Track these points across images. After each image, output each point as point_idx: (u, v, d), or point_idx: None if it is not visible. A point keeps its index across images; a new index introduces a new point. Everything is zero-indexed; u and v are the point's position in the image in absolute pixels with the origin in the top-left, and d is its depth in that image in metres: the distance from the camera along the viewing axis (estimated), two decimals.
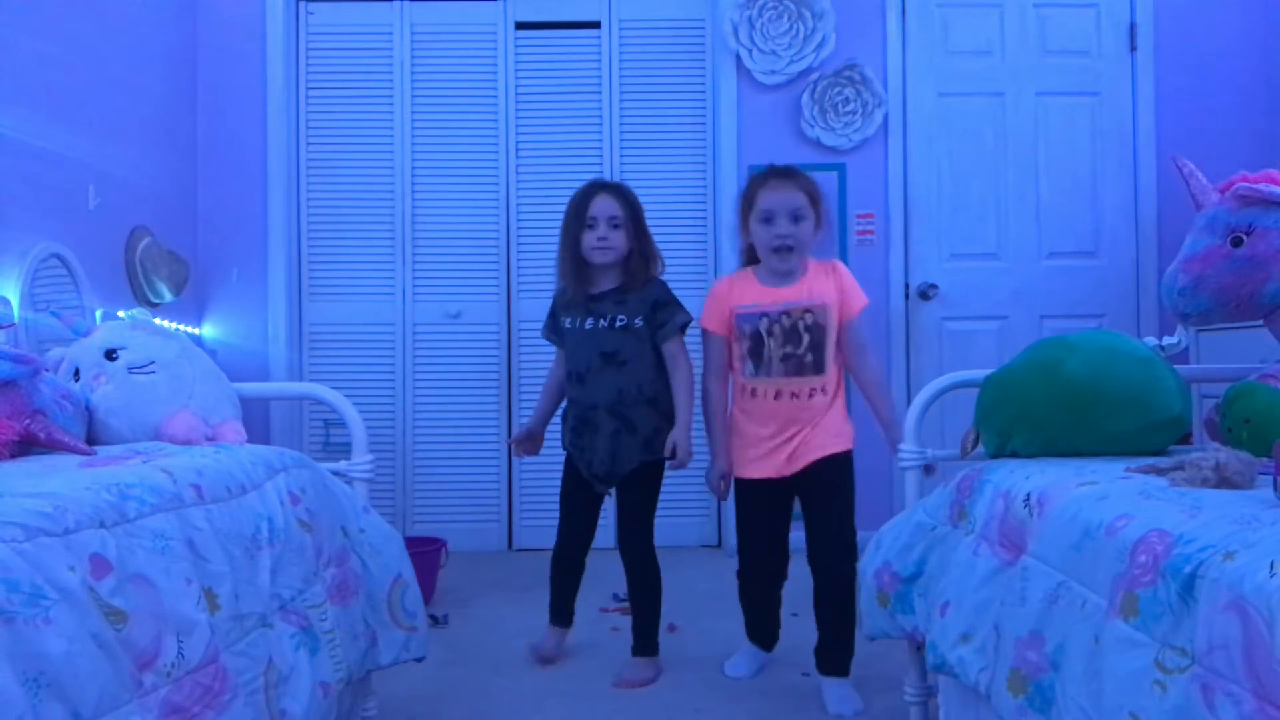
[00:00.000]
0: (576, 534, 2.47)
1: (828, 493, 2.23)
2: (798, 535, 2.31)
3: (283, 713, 1.42)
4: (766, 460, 2.26)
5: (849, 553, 2.22)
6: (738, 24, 3.69)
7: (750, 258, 2.33)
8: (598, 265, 2.34)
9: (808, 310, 2.20)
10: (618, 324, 2.32)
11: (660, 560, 2.43)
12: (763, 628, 2.41)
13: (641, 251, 2.36)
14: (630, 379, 2.32)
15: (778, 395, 2.23)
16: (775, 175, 2.25)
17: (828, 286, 2.23)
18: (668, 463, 2.36)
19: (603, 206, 2.32)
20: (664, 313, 2.33)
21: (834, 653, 2.22)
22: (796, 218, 2.20)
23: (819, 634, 2.25)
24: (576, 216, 2.33)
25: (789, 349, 2.21)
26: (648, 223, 2.43)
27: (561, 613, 2.51)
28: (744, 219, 2.27)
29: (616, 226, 2.32)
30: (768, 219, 2.21)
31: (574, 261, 2.34)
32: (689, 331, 2.40)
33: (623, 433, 2.33)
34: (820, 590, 2.25)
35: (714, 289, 2.37)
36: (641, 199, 3.81)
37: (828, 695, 2.18)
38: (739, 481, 2.33)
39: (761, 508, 2.31)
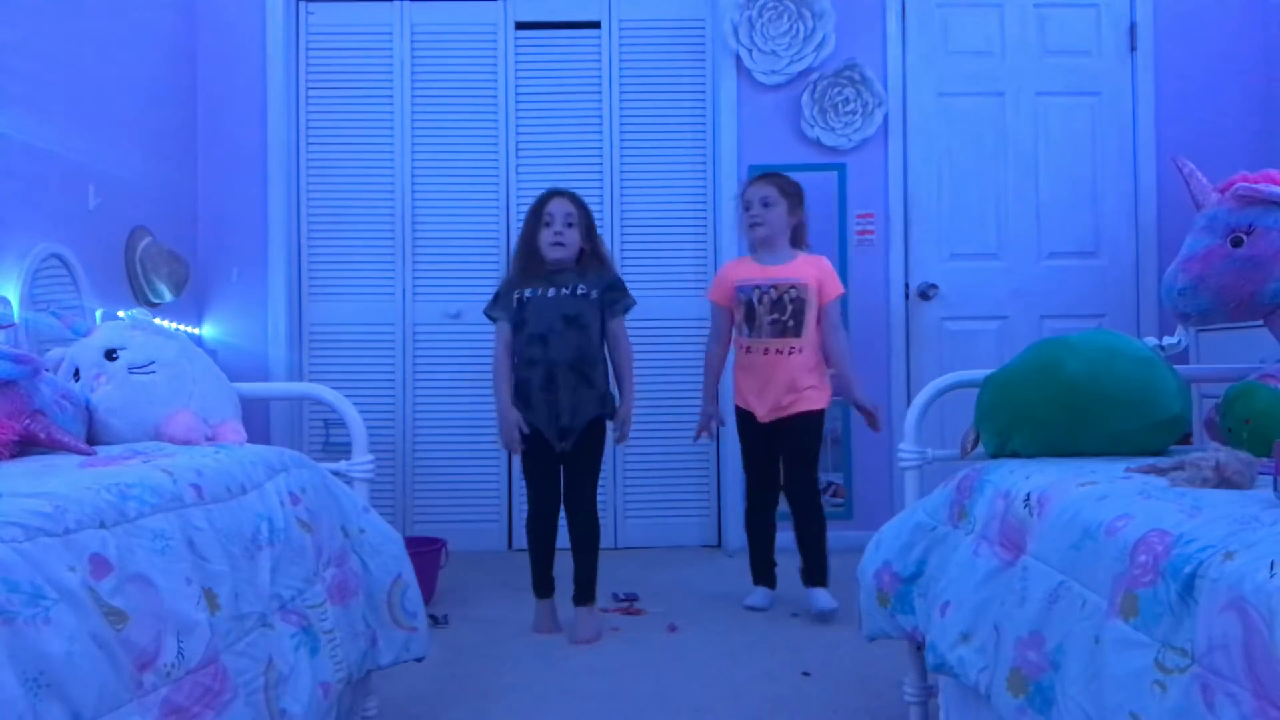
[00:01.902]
0: (547, 496, 2.71)
1: (799, 439, 2.89)
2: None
3: (283, 713, 1.42)
4: (759, 401, 2.90)
5: (815, 485, 2.92)
6: (738, 24, 3.69)
7: (752, 246, 3.03)
8: (552, 262, 2.62)
9: (792, 286, 2.87)
10: (578, 292, 2.62)
11: (660, 560, 2.47)
12: (764, 560, 2.99)
13: (594, 252, 2.67)
14: (587, 340, 2.63)
15: (765, 351, 2.88)
16: (758, 177, 3.01)
17: (811, 272, 2.89)
18: (614, 432, 2.69)
19: (559, 206, 2.61)
20: (616, 293, 2.68)
21: (813, 568, 2.88)
22: (765, 203, 2.91)
23: (801, 556, 2.90)
24: (535, 215, 2.63)
25: (775, 315, 2.87)
26: (649, 228, 2.61)
27: (543, 584, 2.73)
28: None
29: (571, 225, 2.59)
30: (746, 207, 2.97)
31: (528, 257, 2.63)
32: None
33: (581, 387, 2.61)
34: (797, 517, 2.90)
35: (720, 269, 3.12)
36: (641, 199, 3.88)
37: (812, 599, 2.83)
38: (740, 411, 2.97)
39: (758, 437, 2.95)
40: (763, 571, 3.00)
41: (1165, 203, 3.72)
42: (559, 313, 2.60)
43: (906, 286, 3.74)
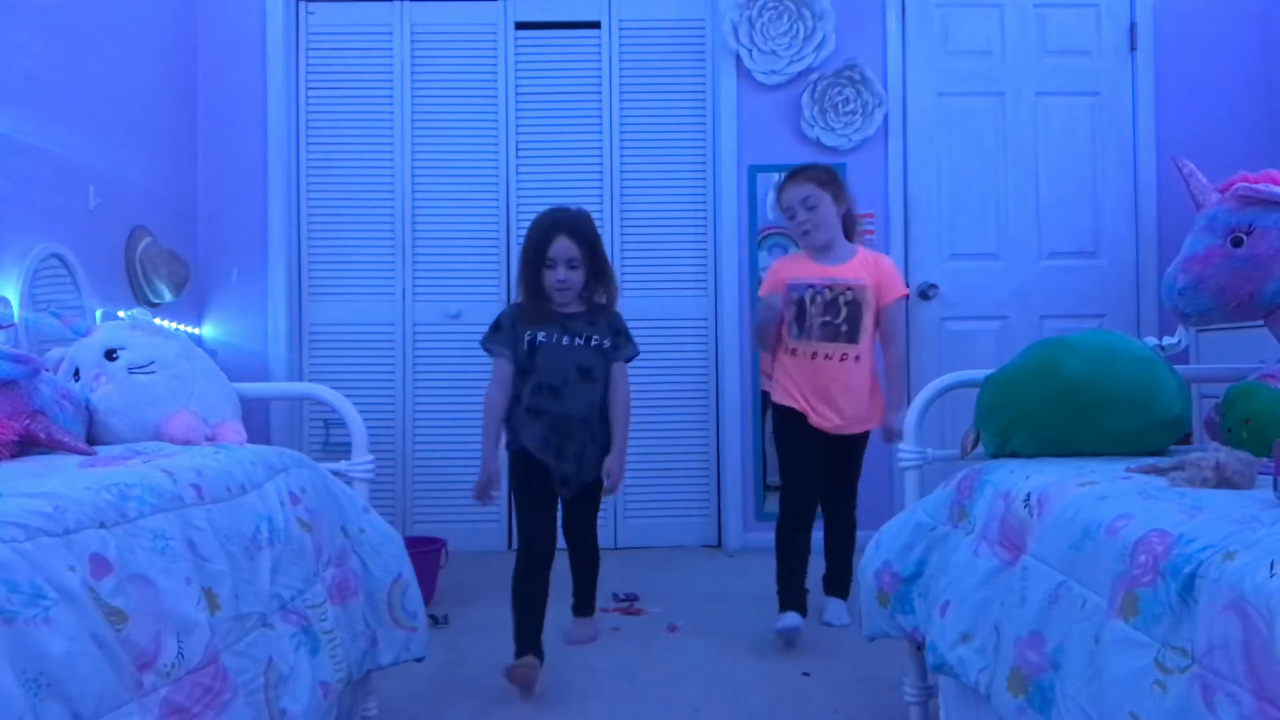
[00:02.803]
0: (544, 530, 2.41)
1: (856, 459, 2.77)
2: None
3: (283, 713, 1.42)
4: (826, 407, 2.65)
5: (855, 501, 2.82)
6: (738, 24, 3.69)
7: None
8: (558, 304, 2.47)
9: (849, 288, 2.62)
10: (593, 343, 2.45)
11: (660, 560, 2.46)
12: (796, 585, 2.63)
13: (600, 278, 2.50)
14: (598, 395, 2.46)
15: (814, 355, 2.63)
16: (789, 176, 2.72)
17: (871, 272, 2.65)
18: (605, 485, 2.50)
19: (561, 250, 2.40)
20: (621, 338, 2.52)
21: (837, 577, 2.82)
22: (810, 206, 2.62)
23: (826, 564, 2.83)
24: (537, 253, 2.42)
25: (827, 318, 2.62)
26: (649, 228, 2.54)
27: (528, 641, 2.29)
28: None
29: (574, 267, 2.41)
30: (790, 215, 2.68)
31: (533, 293, 2.45)
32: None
33: (589, 445, 2.46)
34: (831, 527, 2.81)
35: (774, 265, 2.80)
36: (641, 199, 3.88)
37: (828, 607, 2.79)
38: (784, 411, 2.68)
39: (811, 443, 2.67)
40: (793, 597, 2.63)
41: (1165, 203, 3.72)
42: (574, 364, 2.43)
43: (907, 286, 3.74)
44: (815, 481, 2.68)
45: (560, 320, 2.45)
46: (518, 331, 2.45)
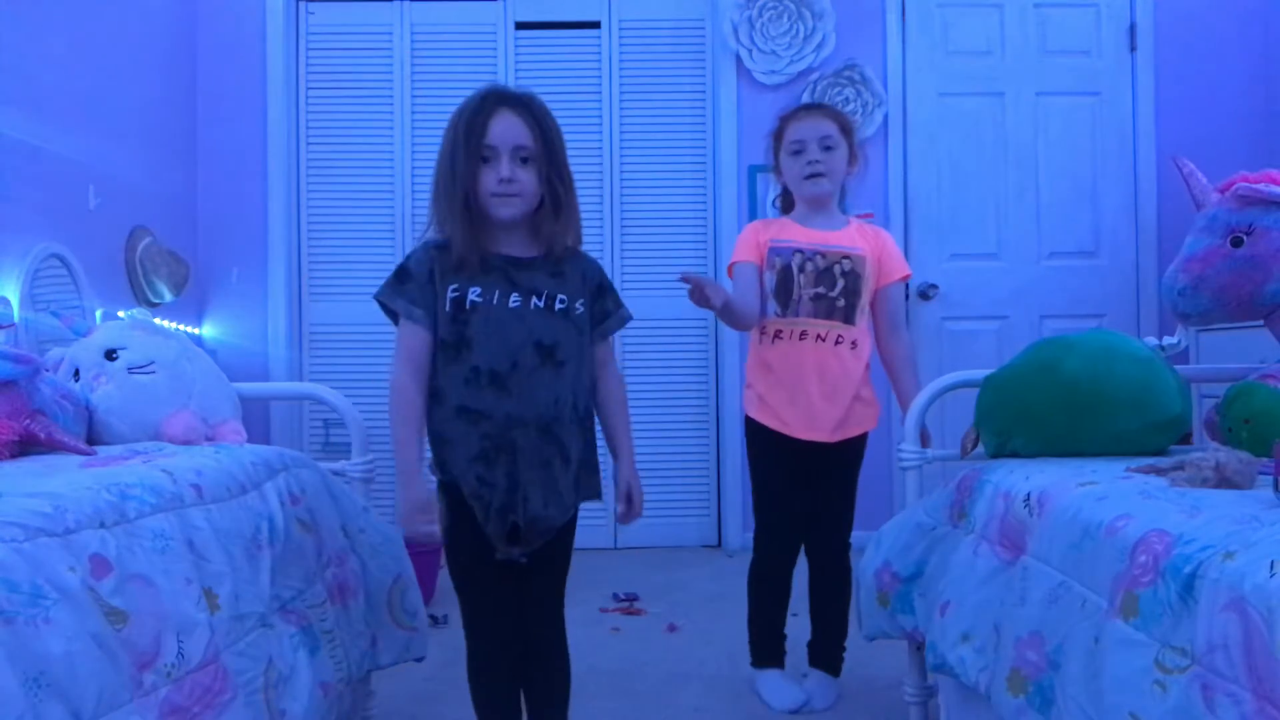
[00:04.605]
0: (495, 631, 1.62)
1: (850, 470, 2.18)
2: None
3: (283, 713, 1.42)
4: (800, 412, 2.11)
5: (849, 535, 2.19)
6: (738, 24, 3.69)
7: (786, 204, 2.24)
8: (500, 221, 1.56)
9: (846, 256, 2.10)
10: (558, 306, 1.57)
11: (660, 560, 2.42)
12: (774, 632, 2.21)
13: (555, 201, 1.58)
14: (567, 386, 1.57)
15: (801, 336, 2.09)
16: (804, 107, 2.23)
17: (870, 244, 2.14)
18: (618, 513, 1.70)
19: (505, 127, 1.54)
20: (608, 300, 1.66)
21: (826, 645, 2.20)
22: (827, 146, 2.10)
23: (814, 628, 2.23)
24: (468, 140, 1.54)
25: (821, 289, 2.09)
26: (649, 228, 2.16)
27: None
28: (776, 159, 2.20)
29: (526, 161, 1.55)
30: (798, 150, 2.12)
31: (466, 209, 1.54)
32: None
33: (555, 462, 1.56)
34: (818, 575, 2.21)
35: (747, 229, 2.22)
36: (641, 199, 3.88)
37: (812, 682, 2.19)
38: (761, 431, 2.15)
39: (792, 465, 2.14)
40: (772, 646, 2.22)
41: (1165, 203, 3.72)
42: (529, 338, 1.54)
43: (907, 286, 3.74)
44: (798, 521, 2.17)
45: (504, 270, 1.56)
46: (435, 284, 1.55)
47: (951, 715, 1.79)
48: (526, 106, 1.58)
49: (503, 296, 1.55)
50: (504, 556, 1.56)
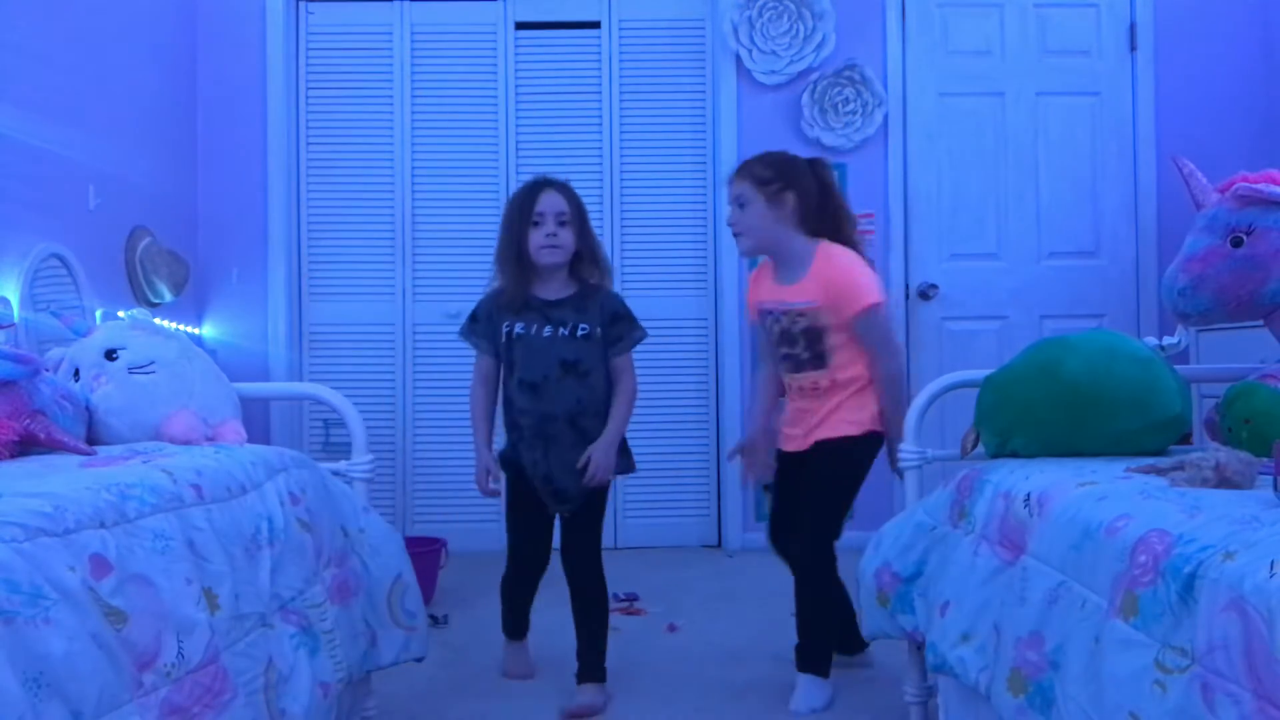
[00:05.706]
0: (528, 557, 2.30)
1: (815, 472, 2.23)
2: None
3: (283, 713, 1.42)
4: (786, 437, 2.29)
5: (816, 540, 2.17)
6: (738, 24, 3.69)
7: None
8: (545, 266, 2.18)
9: (801, 314, 2.18)
10: (579, 333, 2.18)
11: (660, 560, 2.44)
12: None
13: (590, 254, 2.23)
14: (589, 390, 2.19)
15: (799, 389, 2.24)
16: (737, 168, 2.33)
17: (822, 289, 2.16)
18: (585, 475, 2.17)
19: (551, 202, 2.16)
20: (621, 326, 2.22)
21: (805, 647, 2.16)
22: (740, 203, 2.23)
23: (797, 628, 2.19)
24: (520, 211, 2.17)
25: (785, 349, 2.23)
26: (649, 228, 2.48)
27: (517, 625, 2.37)
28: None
29: (564, 223, 2.16)
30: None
31: (518, 262, 2.18)
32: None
33: (582, 446, 2.17)
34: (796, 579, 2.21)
35: (751, 279, 2.38)
36: (641, 199, 3.88)
37: (796, 691, 2.15)
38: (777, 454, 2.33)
39: (785, 480, 2.31)
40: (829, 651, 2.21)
41: (1165, 203, 3.71)
42: (555, 357, 2.16)
43: (906, 286, 3.74)
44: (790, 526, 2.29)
45: (541, 309, 2.19)
46: (495, 322, 2.23)
47: (951, 715, 1.79)
48: (564, 188, 2.22)
49: (539, 329, 2.19)
50: (554, 511, 2.25)
